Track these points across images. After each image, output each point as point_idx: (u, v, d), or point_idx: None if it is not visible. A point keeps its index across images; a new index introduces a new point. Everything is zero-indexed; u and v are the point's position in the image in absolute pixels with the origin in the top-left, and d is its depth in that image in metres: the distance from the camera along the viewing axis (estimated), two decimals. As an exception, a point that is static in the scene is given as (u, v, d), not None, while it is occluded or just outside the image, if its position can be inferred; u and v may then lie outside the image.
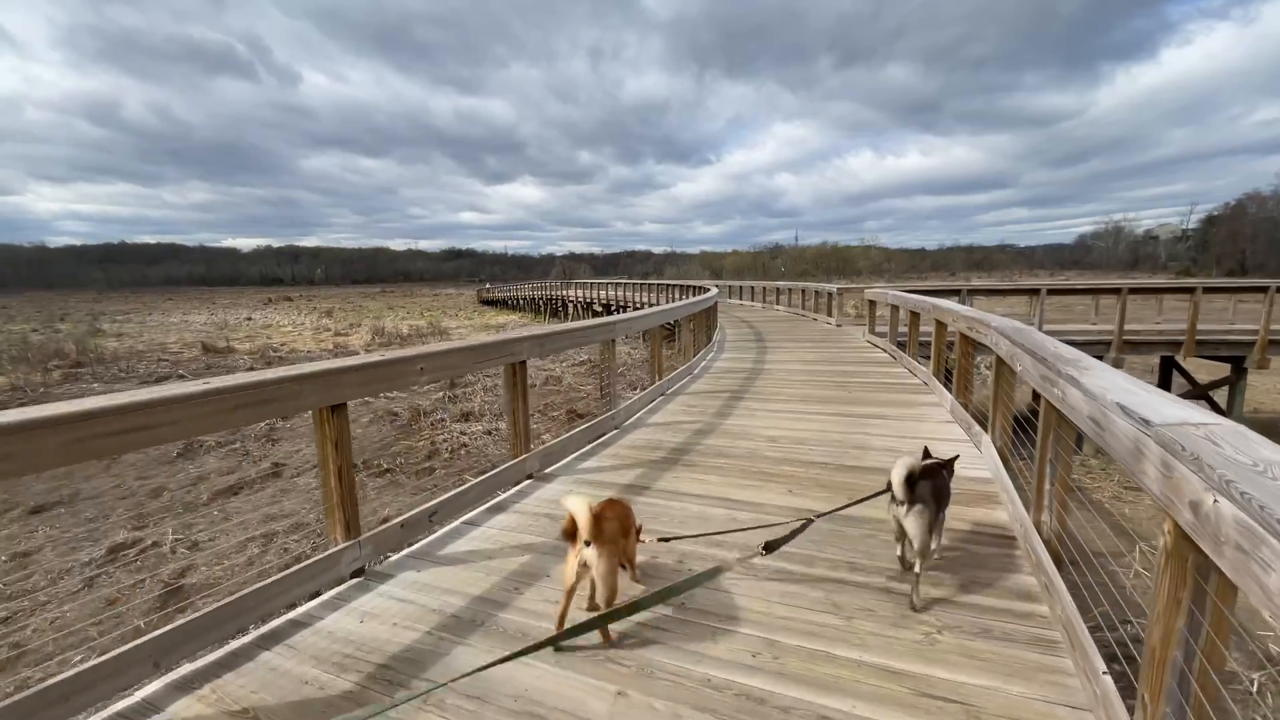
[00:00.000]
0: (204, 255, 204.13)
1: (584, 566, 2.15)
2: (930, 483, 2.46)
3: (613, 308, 29.69)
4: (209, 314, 47.17)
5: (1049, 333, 9.61)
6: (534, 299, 45.54)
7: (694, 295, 13.06)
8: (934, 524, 2.49)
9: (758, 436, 4.80)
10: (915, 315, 7.43)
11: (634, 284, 31.01)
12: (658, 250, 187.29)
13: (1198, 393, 11.88)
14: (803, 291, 17.43)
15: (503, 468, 3.66)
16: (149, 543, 7.82)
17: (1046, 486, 2.62)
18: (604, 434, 4.93)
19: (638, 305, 25.64)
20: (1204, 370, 12.99)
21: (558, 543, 2.98)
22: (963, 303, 11.35)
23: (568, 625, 2.11)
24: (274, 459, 11.17)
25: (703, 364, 8.67)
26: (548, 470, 4.05)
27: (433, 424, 12.98)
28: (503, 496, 3.58)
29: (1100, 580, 2.82)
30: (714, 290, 13.57)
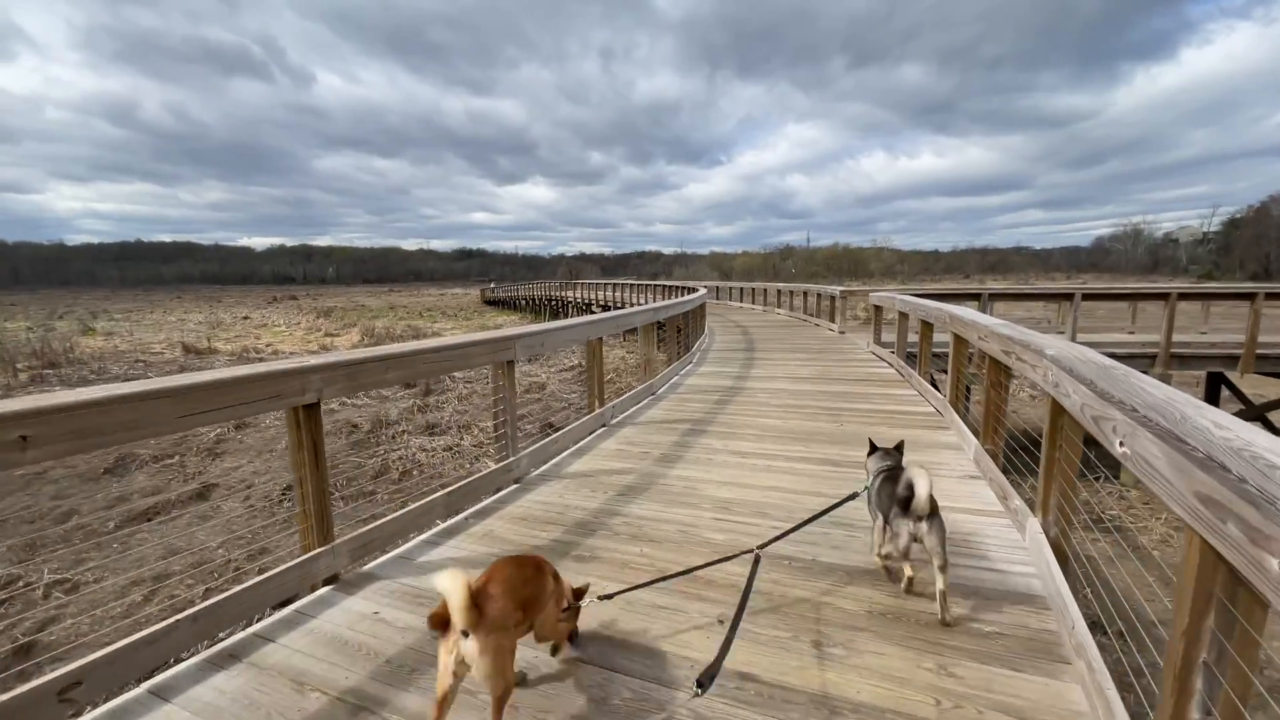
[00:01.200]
0: (218, 254, 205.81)
1: (462, 664, 1.57)
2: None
3: (610, 308, 28.40)
4: (209, 312, 46.68)
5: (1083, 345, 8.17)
6: (534, 299, 44.37)
7: (681, 295, 11.77)
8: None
9: (704, 501, 3.42)
10: (928, 326, 6.02)
11: (629, 284, 29.72)
12: (668, 251, 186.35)
13: (1254, 414, 10.34)
14: (805, 294, 15.95)
15: (275, 572, 2.31)
16: (21, 583, 6.67)
17: (1197, 694, 1.24)
18: (493, 493, 3.57)
19: (634, 306, 24.28)
20: (1248, 384, 11.42)
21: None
22: (983, 309, 9.90)
23: None
24: (208, 478, 10.04)
25: (672, 380, 7.29)
26: (368, 566, 2.70)
27: (394, 436, 11.83)
28: (255, 628, 2.21)
29: None
30: (702, 291, 12.30)
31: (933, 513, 2.22)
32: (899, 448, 2.85)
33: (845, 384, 6.87)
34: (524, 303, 47.16)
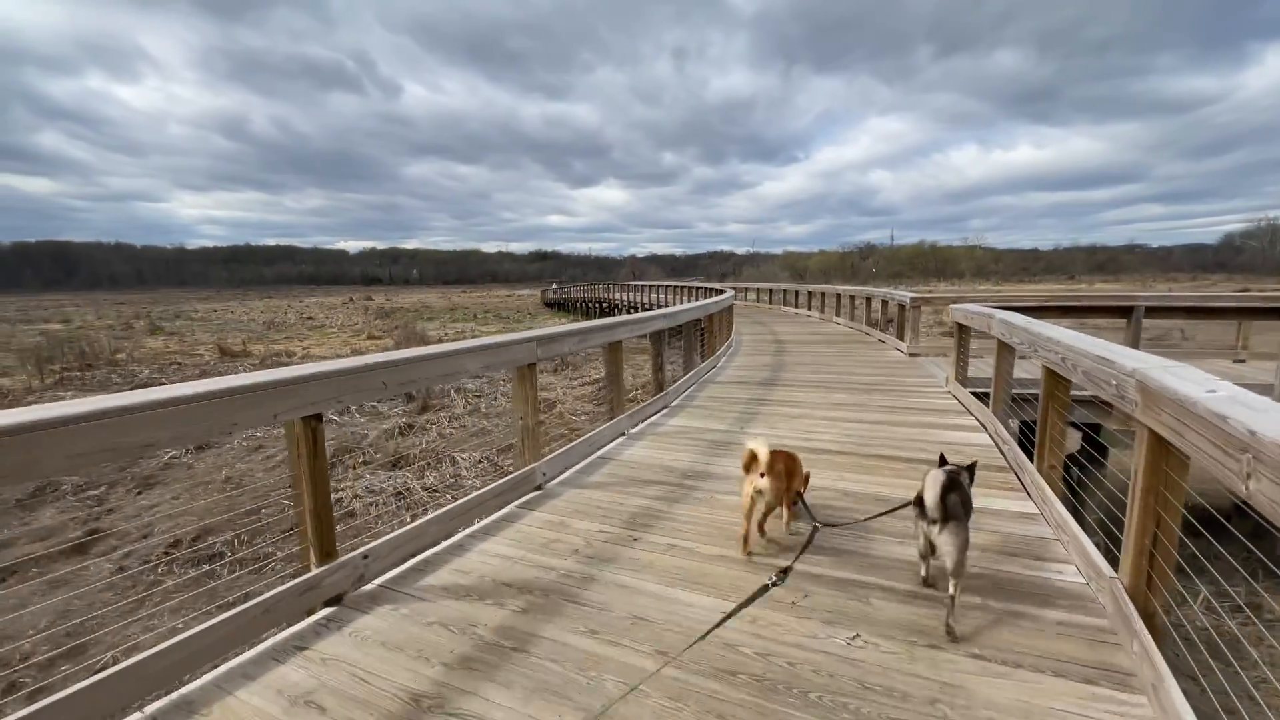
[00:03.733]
0: (315, 256, 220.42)
1: (758, 493, 2.75)
2: (958, 494, 2.21)
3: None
4: (280, 312, 48.31)
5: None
6: (586, 301, 42.56)
7: (709, 297, 9.20)
8: (968, 540, 2.21)
9: None
10: (1057, 379, 3.07)
11: (669, 286, 27.05)
12: (740, 251, 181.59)
13: None
14: (868, 300, 12.60)
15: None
16: None
17: None
18: None
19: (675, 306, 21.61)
20: None
21: None
22: (1130, 331, 6.59)
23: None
24: (109, 520, 8.33)
25: (609, 445, 4.54)
26: None
27: (352, 466, 9.87)
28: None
29: None
30: (727, 294, 9.68)
31: (949, 517, 2.15)
32: (971, 468, 2.53)
33: (896, 471, 3.92)
34: (578, 305, 45.60)
